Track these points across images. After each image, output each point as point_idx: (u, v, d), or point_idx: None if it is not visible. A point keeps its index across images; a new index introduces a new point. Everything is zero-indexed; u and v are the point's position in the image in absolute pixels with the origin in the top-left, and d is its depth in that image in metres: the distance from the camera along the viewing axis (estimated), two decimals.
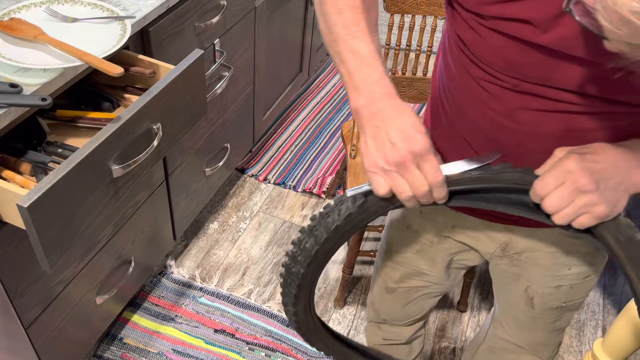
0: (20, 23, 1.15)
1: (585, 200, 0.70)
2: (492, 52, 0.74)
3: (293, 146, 2.44)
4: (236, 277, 1.93)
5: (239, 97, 1.96)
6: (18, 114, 1.03)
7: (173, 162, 1.64)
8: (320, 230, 0.80)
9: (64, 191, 0.94)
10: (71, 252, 1.28)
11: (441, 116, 0.88)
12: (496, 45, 0.72)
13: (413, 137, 0.71)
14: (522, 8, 0.67)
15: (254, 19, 1.88)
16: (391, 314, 1.22)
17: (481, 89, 0.78)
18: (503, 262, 1.03)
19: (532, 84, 0.74)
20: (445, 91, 0.86)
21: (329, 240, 0.80)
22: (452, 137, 0.87)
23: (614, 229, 0.75)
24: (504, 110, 0.78)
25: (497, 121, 0.79)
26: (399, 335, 1.27)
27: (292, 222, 2.13)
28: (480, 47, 0.75)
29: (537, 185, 0.71)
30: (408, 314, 1.21)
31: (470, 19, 0.74)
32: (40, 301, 1.27)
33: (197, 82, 1.22)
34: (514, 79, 0.74)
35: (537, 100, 0.74)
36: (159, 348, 1.70)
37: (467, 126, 0.84)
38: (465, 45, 0.78)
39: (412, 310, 1.20)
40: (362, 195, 0.77)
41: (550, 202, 0.70)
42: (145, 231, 1.60)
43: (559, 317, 1.07)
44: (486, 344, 1.24)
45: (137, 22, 1.26)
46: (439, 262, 1.06)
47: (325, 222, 0.80)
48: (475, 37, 0.75)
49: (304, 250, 0.82)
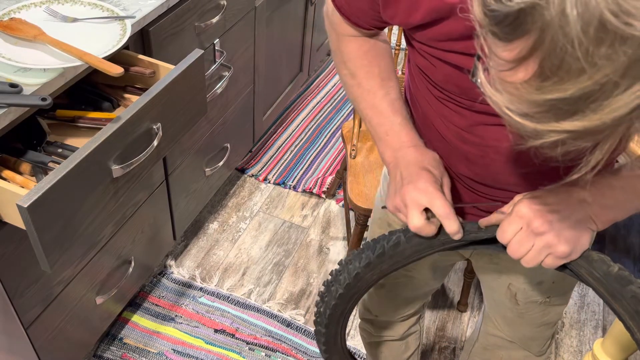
0: (20, 23, 1.15)
1: (543, 242, 0.72)
2: (445, 79, 0.76)
3: (293, 146, 2.44)
4: (236, 277, 1.93)
5: (239, 97, 1.96)
6: (18, 114, 1.03)
7: (173, 162, 1.64)
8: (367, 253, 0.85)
9: (63, 191, 0.93)
10: (71, 252, 1.28)
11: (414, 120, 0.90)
12: (447, 72, 0.75)
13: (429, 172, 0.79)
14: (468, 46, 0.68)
15: (254, 19, 1.88)
16: (381, 309, 1.23)
17: (442, 105, 0.81)
18: (483, 260, 1.04)
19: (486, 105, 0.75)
20: (413, 99, 0.88)
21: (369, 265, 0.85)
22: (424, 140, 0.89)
23: (586, 265, 0.76)
24: (465, 125, 0.80)
25: (460, 134, 0.81)
26: (392, 331, 1.28)
27: (292, 222, 2.13)
28: (433, 73, 0.78)
29: (498, 234, 0.76)
30: (398, 309, 1.21)
31: (422, 49, 0.77)
32: (40, 301, 1.27)
33: (197, 82, 1.22)
34: (468, 101, 0.76)
35: (493, 117, 0.75)
36: (159, 348, 1.70)
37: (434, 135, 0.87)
38: (421, 70, 0.81)
39: (402, 306, 1.20)
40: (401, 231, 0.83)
41: (512, 248, 0.74)
42: (145, 231, 1.60)
43: (545, 312, 1.08)
44: (480, 342, 1.25)
45: (137, 22, 1.26)
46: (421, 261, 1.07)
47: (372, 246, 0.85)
48: (428, 65, 0.78)
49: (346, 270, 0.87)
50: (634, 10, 0.38)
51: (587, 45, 0.40)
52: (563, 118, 0.44)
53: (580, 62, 0.41)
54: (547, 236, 0.72)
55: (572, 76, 0.42)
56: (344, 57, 0.87)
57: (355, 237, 1.68)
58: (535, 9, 0.41)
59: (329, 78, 2.85)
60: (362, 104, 0.87)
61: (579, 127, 0.44)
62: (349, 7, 0.82)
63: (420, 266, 1.09)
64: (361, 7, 0.80)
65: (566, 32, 0.40)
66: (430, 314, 1.86)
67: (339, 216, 2.17)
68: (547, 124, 0.45)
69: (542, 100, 0.44)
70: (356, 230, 1.66)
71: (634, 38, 0.39)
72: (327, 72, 2.89)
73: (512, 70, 0.45)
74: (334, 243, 2.07)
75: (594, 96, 0.42)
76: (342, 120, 2.60)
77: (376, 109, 0.85)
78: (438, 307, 1.89)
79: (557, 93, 0.43)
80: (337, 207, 2.21)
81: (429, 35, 0.73)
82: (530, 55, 0.43)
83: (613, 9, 0.38)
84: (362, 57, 0.86)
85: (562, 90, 0.43)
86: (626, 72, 0.40)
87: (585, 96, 0.42)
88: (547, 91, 0.44)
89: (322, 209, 2.19)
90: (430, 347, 1.78)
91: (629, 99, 0.41)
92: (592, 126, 0.44)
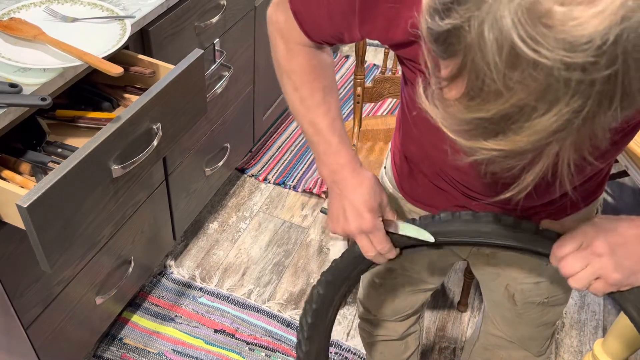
0: (20, 23, 1.15)
1: (599, 264, 0.71)
2: None
3: (293, 146, 2.44)
4: (236, 277, 1.93)
5: (239, 97, 1.96)
6: (18, 113, 1.03)
7: (173, 162, 1.64)
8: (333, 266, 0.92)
9: (63, 191, 0.93)
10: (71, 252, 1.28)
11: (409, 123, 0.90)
12: None
13: (362, 217, 0.82)
14: None
15: (254, 18, 1.88)
16: (380, 309, 1.23)
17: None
18: (480, 261, 1.04)
19: None
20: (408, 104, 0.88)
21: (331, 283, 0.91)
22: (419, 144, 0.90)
23: (634, 298, 0.74)
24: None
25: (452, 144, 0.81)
26: (392, 330, 1.28)
27: (292, 222, 2.13)
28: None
29: (556, 246, 0.75)
30: (397, 309, 1.21)
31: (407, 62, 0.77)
32: (40, 301, 1.26)
33: (197, 81, 1.22)
34: None
35: None
36: (158, 348, 1.70)
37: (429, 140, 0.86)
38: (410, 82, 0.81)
39: (401, 305, 1.20)
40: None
41: (565, 263, 0.73)
42: (145, 231, 1.60)
43: (544, 312, 1.08)
44: (480, 342, 1.25)
45: (137, 22, 1.25)
46: (419, 260, 1.08)
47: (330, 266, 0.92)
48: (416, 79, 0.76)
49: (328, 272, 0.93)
50: (540, 38, 0.40)
51: (502, 68, 0.42)
52: (488, 137, 0.47)
53: (497, 85, 0.43)
54: (605, 260, 0.71)
55: (491, 98, 0.44)
56: (290, 67, 0.84)
57: None
58: (460, 30, 0.43)
59: None
60: (302, 119, 0.87)
61: (503, 146, 0.46)
62: (307, 15, 0.78)
63: (417, 266, 1.09)
64: (320, 21, 0.77)
65: (484, 55, 0.42)
66: (431, 314, 1.86)
67: None
68: (476, 142, 0.48)
69: (470, 119, 0.47)
70: None
71: (542, 65, 0.40)
72: None
73: (447, 87, 0.48)
74: (334, 243, 2.07)
75: (514, 118, 0.44)
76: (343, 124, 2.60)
77: (316, 127, 0.85)
78: (438, 307, 1.89)
79: (481, 113, 0.45)
80: None
81: (410, 54, 0.72)
82: (459, 75, 0.46)
83: (522, 35, 0.40)
84: (309, 72, 0.84)
85: (485, 111, 0.45)
86: (541, 96, 0.42)
87: (506, 117, 0.44)
88: (473, 110, 0.46)
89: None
90: (431, 347, 1.78)
91: (547, 122, 0.43)
92: (515, 147, 0.46)
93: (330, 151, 0.85)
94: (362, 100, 1.71)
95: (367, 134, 1.78)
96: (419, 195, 0.97)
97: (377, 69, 2.95)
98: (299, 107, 0.86)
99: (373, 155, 1.71)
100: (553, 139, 0.45)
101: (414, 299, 1.20)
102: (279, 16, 0.81)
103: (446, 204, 0.92)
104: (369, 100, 1.74)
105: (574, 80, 0.40)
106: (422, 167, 0.92)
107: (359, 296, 1.27)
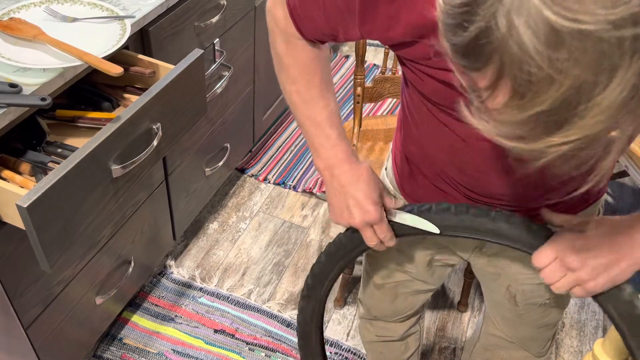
0: (20, 23, 1.15)
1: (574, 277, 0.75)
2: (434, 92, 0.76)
3: (293, 146, 2.44)
4: (236, 277, 1.93)
5: (239, 97, 1.96)
6: (17, 113, 1.03)
7: (173, 162, 1.64)
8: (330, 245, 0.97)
9: (63, 191, 0.93)
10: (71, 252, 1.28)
11: (410, 124, 0.90)
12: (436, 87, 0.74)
13: (366, 210, 0.83)
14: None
15: (254, 18, 1.88)
16: (381, 309, 1.23)
17: (434, 117, 0.80)
18: (481, 261, 1.04)
19: None
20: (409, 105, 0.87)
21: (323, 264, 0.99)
22: (419, 145, 0.90)
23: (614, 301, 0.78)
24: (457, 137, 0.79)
25: (454, 146, 0.81)
26: (392, 331, 1.28)
27: (292, 222, 2.13)
28: (422, 87, 0.77)
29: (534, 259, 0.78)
30: (397, 309, 1.21)
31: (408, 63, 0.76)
32: (40, 301, 1.26)
33: (197, 81, 1.22)
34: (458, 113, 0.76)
35: None
36: (158, 348, 1.70)
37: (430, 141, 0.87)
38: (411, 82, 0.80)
39: (402, 306, 1.20)
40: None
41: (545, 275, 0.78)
42: (145, 231, 1.60)
43: (545, 313, 1.08)
44: (480, 342, 1.25)
45: (137, 22, 1.25)
46: (419, 260, 1.08)
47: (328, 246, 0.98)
48: (416, 79, 0.77)
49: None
50: (575, 6, 0.37)
51: (545, 52, 0.39)
52: (553, 131, 0.43)
53: (545, 71, 0.40)
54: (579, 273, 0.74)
55: (543, 87, 0.41)
56: (288, 61, 0.84)
57: None
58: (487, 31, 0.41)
59: None
60: (300, 113, 0.87)
61: (572, 136, 0.43)
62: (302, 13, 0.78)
63: (418, 266, 1.09)
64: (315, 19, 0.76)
65: (521, 45, 0.39)
66: (431, 314, 1.86)
67: None
68: (540, 141, 0.44)
69: (526, 119, 0.43)
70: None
71: (587, 32, 0.37)
72: None
73: (490, 96, 0.45)
74: None
75: (575, 101, 0.41)
76: (342, 120, 2.60)
77: (314, 120, 0.85)
78: (438, 307, 1.89)
79: (536, 107, 0.42)
80: None
81: (411, 54, 0.71)
82: (501, 77, 0.43)
83: (555, 9, 0.37)
84: (307, 65, 0.84)
85: (540, 103, 0.42)
86: (597, 68, 0.39)
87: (566, 103, 0.41)
88: (527, 108, 0.43)
89: (322, 209, 2.19)
90: (431, 347, 1.78)
91: (613, 95, 0.40)
92: (586, 133, 0.42)
93: (329, 145, 0.85)
94: (362, 100, 1.71)
95: (367, 134, 1.78)
96: (419, 197, 0.97)
97: (377, 69, 2.95)
98: (297, 101, 0.86)
99: (373, 155, 1.71)
100: (625, 111, 0.41)
101: (415, 300, 1.20)
102: (278, 10, 0.81)
103: None
104: (369, 100, 1.74)
105: (627, 38, 0.37)
106: (423, 168, 0.92)
107: (359, 296, 1.27)
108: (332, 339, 1.75)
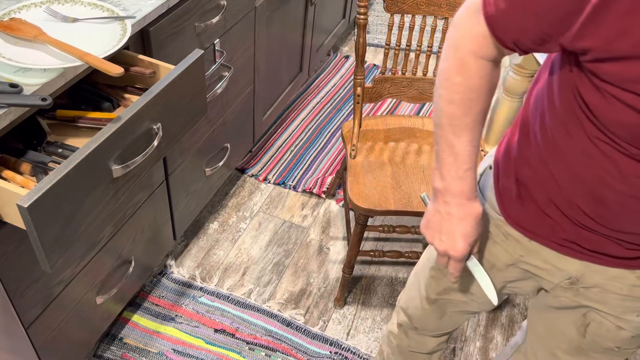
0: (20, 23, 1.15)
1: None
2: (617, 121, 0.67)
3: (293, 146, 2.44)
4: (236, 277, 1.93)
5: (239, 97, 1.96)
6: (18, 114, 1.03)
7: (173, 162, 1.64)
8: None
9: (64, 191, 0.94)
10: (71, 252, 1.28)
11: (531, 142, 0.84)
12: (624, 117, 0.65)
13: (456, 246, 0.88)
14: None
15: (254, 19, 1.88)
16: (425, 323, 1.20)
17: (592, 145, 0.72)
18: (566, 294, 0.96)
19: None
20: (542, 122, 0.80)
21: None
22: (538, 168, 0.84)
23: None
24: (617, 172, 0.72)
25: (604, 179, 0.74)
26: (423, 345, 1.26)
27: (292, 222, 2.13)
28: (602, 112, 0.68)
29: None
30: (441, 326, 1.19)
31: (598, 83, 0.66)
32: (40, 301, 1.27)
33: (197, 82, 1.22)
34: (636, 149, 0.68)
35: None
36: (159, 348, 1.70)
37: (563, 169, 0.79)
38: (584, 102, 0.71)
39: (446, 323, 1.18)
40: None
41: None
42: (145, 231, 1.60)
43: (604, 358, 1.00)
44: None
45: (137, 22, 1.26)
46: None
47: None
48: (599, 102, 0.67)
49: None
50: None
51: None
52: None
53: None
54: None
55: None
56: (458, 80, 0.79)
57: (355, 237, 1.68)
58: None
59: (329, 78, 2.86)
60: (443, 132, 0.84)
61: None
62: (507, 16, 0.71)
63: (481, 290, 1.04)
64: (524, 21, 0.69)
65: None
66: None
67: (338, 216, 2.17)
68: None
69: None
70: (356, 230, 1.66)
71: None
72: (327, 73, 2.89)
73: None
74: (334, 243, 2.07)
75: None
76: (342, 120, 2.61)
77: (453, 148, 0.84)
78: None
79: None
80: (337, 207, 2.21)
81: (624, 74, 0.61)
82: None
83: None
84: (474, 90, 0.80)
85: None
86: None
87: None
88: None
89: (322, 209, 2.19)
90: None
91: None
92: None
93: (456, 175, 0.85)
94: (362, 100, 1.71)
95: (367, 134, 1.78)
96: (523, 221, 0.91)
97: (377, 69, 2.96)
98: (445, 122, 0.83)
99: (373, 156, 1.71)
100: None
101: (460, 319, 1.18)
102: (466, 22, 0.77)
103: (550, 233, 0.88)
104: (369, 100, 1.74)
105: None
106: (535, 193, 0.86)
107: (401, 304, 1.24)
108: (332, 339, 1.76)
